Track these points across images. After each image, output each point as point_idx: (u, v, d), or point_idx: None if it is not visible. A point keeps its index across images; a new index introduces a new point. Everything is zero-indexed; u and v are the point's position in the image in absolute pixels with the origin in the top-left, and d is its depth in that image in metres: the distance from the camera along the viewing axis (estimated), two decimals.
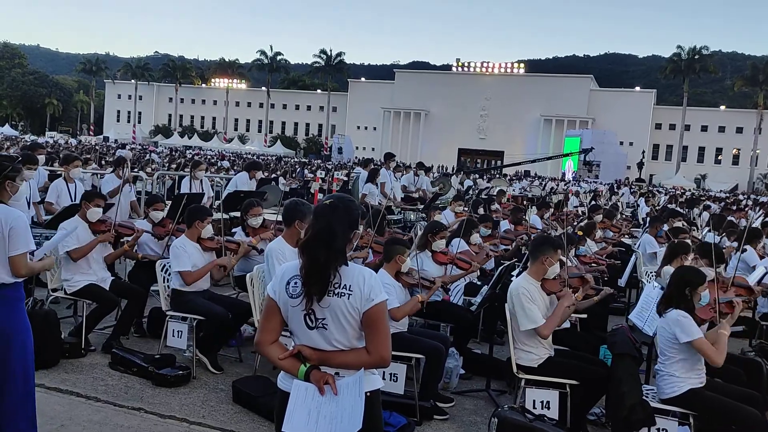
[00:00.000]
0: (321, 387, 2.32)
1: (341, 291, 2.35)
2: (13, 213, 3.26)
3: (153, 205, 6.45)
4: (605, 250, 8.50)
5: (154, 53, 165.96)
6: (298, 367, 2.38)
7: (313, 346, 2.39)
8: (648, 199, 22.94)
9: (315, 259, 2.33)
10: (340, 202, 2.45)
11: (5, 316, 3.23)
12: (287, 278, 2.43)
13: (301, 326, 2.40)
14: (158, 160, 27.61)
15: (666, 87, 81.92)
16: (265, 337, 2.46)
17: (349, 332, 2.38)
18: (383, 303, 2.37)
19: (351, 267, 2.40)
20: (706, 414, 4.06)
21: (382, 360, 2.38)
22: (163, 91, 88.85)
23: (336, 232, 2.37)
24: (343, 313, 2.35)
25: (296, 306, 2.38)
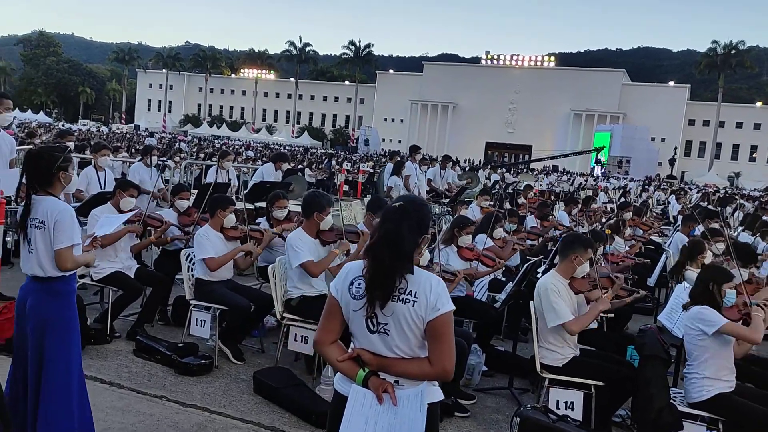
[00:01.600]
0: (380, 395, 2.24)
1: (406, 297, 2.25)
2: (60, 206, 3.25)
3: (179, 194, 6.50)
4: (634, 248, 8.33)
5: (185, 43, 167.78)
6: (356, 371, 2.30)
7: (374, 351, 2.31)
8: (679, 196, 22.50)
9: (380, 264, 2.23)
10: (410, 205, 2.33)
11: (48, 307, 3.22)
12: (351, 278, 2.34)
13: (362, 329, 2.31)
14: (187, 149, 27.89)
15: (700, 82, 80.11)
16: (324, 337, 2.38)
17: (411, 340, 2.28)
18: (449, 313, 2.26)
19: (418, 273, 2.29)
20: (735, 419, 3.95)
21: (444, 372, 2.26)
22: (193, 81, 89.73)
23: (404, 236, 2.26)
24: (406, 320, 2.25)
25: (358, 308, 2.30)
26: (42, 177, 3.24)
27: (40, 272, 3.23)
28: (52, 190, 3.28)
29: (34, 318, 3.21)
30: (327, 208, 5.13)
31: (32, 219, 3.23)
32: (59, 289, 3.28)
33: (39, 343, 3.20)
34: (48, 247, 3.21)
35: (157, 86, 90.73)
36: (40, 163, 3.23)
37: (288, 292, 5.07)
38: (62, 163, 3.26)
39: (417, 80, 79.36)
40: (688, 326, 4.02)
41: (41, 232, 3.22)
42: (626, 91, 71.37)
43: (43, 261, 3.22)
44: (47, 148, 3.40)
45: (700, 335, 3.94)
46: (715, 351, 3.92)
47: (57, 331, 3.22)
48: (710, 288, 4.03)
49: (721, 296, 4.05)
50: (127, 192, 5.72)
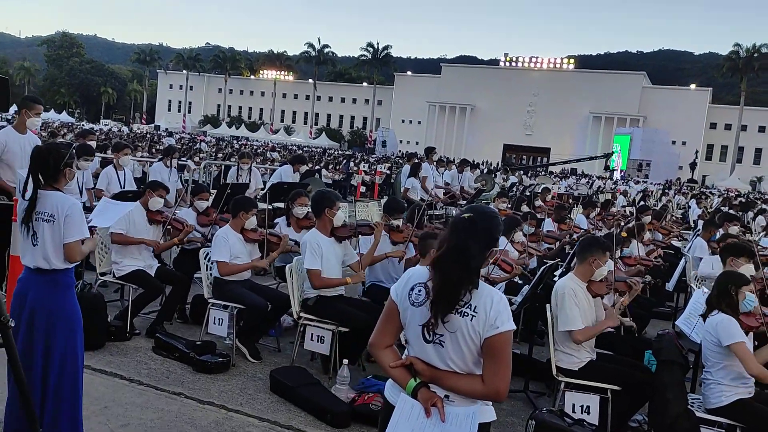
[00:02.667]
0: (428, 408, 2.16)
1: (465, 311, 2.17)
2: (69, 200, 3.36)
3: (198, 194, 6.58)
4: (653, 252, 8.26)
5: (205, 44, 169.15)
6: (407, 380, 2.24)
7: (427, 361, 2.24)
8: (700, 200, 22.26)
9: (447, 277, 2.16)
10: (480, 217, 2.24)
11: (53, 299, 3.31)
12: (412, 284, 2.28)
13: (418, 337, 2.25)
14: (206, 149, 28.14)
15: (722, 86, 79.20)
16: (380, 339, 2.35)
17: (466, 355, 2.20)
18: (509, 332, 2.16)
19: (481, 287, 2.21)
20: (754, 425, 3.91)
21: (496, 394, 2.17)
22: (212, 82, 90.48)
23: (472, 250, 2.18)
24: (463, 334, 2.17)
25: (416, 315, 2.24)
26: (50, 172, 3.33)
27: (44, 264, 3.31)
28: (57, 185, 3.37)
29: (40, 310, 3.28)
30: (336, 204, 5.17)
31: (39, 213, 3.31)
32: (63, 281, 3.36)
33: (45, 335, 3.27)
34: (57, 240, 3.29)
35: (178, 87, 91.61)
36: (48, 160, 3.33)
37: (305, 292, 5.11)
38: (68, 159, 3.36)
39: (435, 82, 79.29)
40: (708, 332, 4.00)
41: (50, 226, 3.30)
42: (646, 94, 70.70)
43: (50, 254, 3.29)
44: (54, 145, 3.51)
45: (717, 343, 3.91)
46: (733, 358, 3.88)
47: (63, 321, 3.30)
48: (729, 289, 4.01)
49: (740, 299, 4.01)
50: (156, 192, 5.83)
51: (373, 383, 4.53)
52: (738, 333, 3.85)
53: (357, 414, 4.26)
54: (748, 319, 4.08)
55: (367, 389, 4.45)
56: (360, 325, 4.98)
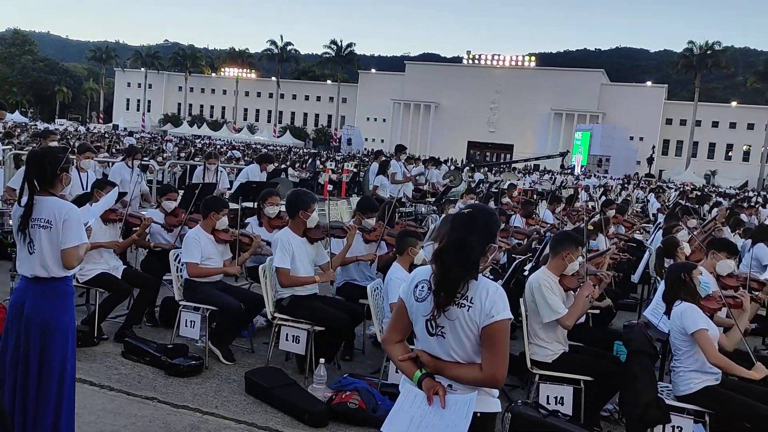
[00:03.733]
0: (430, 396, 2.30)
1: (462, 302, 2.29)
2: (66, 206, 3.26)
3: (166, 194, 6.43)
4: (616, 245, 8.43)
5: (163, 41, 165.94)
6: (414, 372, 2.38)
7: (431, 353, 2.38)
8: (658, 194, 22.81)
9: (447, 270, 2.28)
10: (479, 213, 2.37)
11: (49, 309, 3.22)
12: (416, 281, 2.43)
13: (423, 331, 2.38)
14: (173, 150, 27.71)
15: (677, 82, 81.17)
16: (391, 336, 2.51)
17: (466, 345, 2.32)
18: (504, 321, 2.28)
19: (479, 280, 2.32)
20: (721, 412, 4.04)
21: (493, 380, 2.30)
22: (172, 80, 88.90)
23: (472, 244, 2.29)
24: (461, 324, 2.29)
25: (420, 310, 2.37)
26: (46, 178, 3.24)
27: (42, 273, 3.21)
28: (53, 190, 3.28)
29: (35, 320, 3.18)
30: (311, 206, 5.15)
31: (35, 219, 3.21)
32: (61, 290, 3.27)
33: (41, 346, 3.18)
34: (54, 247, 3.20)
35: (136, 85, 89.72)
36: (44, 164, 3.23)
37: (278, 292, 5.08)
38: (65, 164, 3.26)
39: (399, 80, 79.40)
40: (675, 321, 4.10)
41: (47, 232, 3.20)
42: (605, 91, 72.05)
43: (48, 261, 3.20)
44: (51, 150, 3.42)
45: (683, 332, 4.01)
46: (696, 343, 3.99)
47: (58, 334, 3.21)
48: (682, 278, 4.11)
49: (696, 283, 4.12)
50: (105, 190, 5.63)
51: (349, 381, 4.53)
52: (701, 320, 3.95)
53: (335, 413, 4.26)
54: (709, 302, 4.20)
55: (344, 388, 4.44)
56: (335, 324, 4.98)
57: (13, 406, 3.21)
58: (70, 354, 3.28)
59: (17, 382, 3.22)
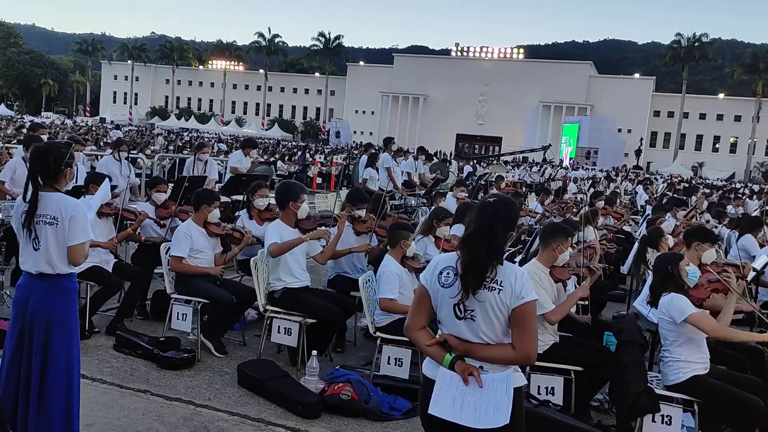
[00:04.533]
0: (465, 378, 2.40)
1: (492, 285, 2.41)
2: (72, 202, 3.23)
3: (156, 187, 6.42)
4: (605, 237, 8.50)
5: (150, 34, 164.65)
6: (443, 356, 2.46)
7: (460, 337, 2.46)
8: (646, 186, 22.96)
9: (476, 255, 2.40)
10: (503, 202, 2.51)
11: (53, 306, 3.19)
12: (440, 268, 2.51)
13: (450, 316, 2.47)
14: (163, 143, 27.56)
15: (665, 74, 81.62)
16: (414, 323, 2.57)
17: (496, 326, 2.44)
18: (533, 302, 2.43)
19: (505, 264, 2.45)
20: (709, 401, 4.08)
21: (527, 357, 2.43)
22: (160, 73, 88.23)
23: (497, 230, 2.43)
24: (492, 307, 2.41)
25: (447, 296, 2.46)
26: (50, 173, 3.20)
27: (48, 269, 3.19)
28: (58, 185, 3.25)
29: (39, 317, 3.17)
30: (301, 196, 5.15)
31: (41, 215, 3.17)
32: (66, 286, 3.26)
33: (44, 343, 3.17)
34: (61, 243, 3.17)
35: (123, 78, 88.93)
36: (48, 160, 3.20)
37: (271, 284, 5.08)
38: (69, 159, 3.24)
39: (387, 72, 79.23)
40: (663, 312, 4.13)
41: (53, 228, 3.17)
42: (593, 83, 72.27)
43: (54, 257, 3.18)
44: (53, 145, 3.38)
45: (671, 322, 4.05)
46: (688, 335, 4.03)
47: (62, 330, 3.20)
48: (669, 270, 4.13)
49: (682, 275, 4.15)
50: (99, 184, 5.62)
51: (342, 373, 4.55)
52: (688, 306, 3.97)
53: (327, 404, 4.28)
54: (697, 291, 4.23)
55: (336, 379, 4.46)
56: (327, 316, 4.99)
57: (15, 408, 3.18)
58: (75, 349, 3.28)
59: (20, 380, 3.20)
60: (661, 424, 4.03)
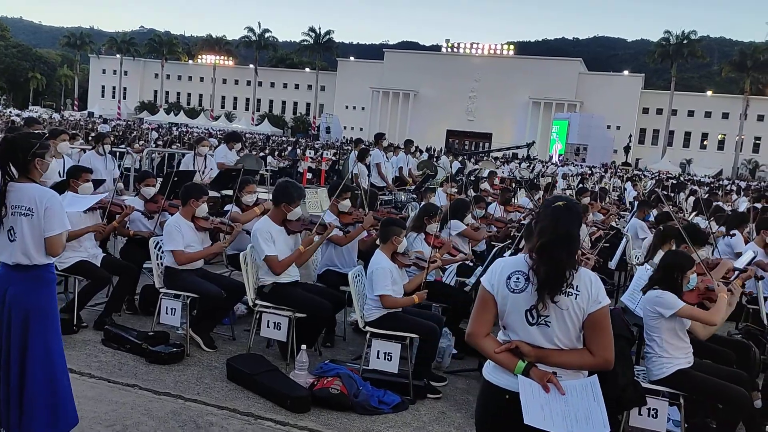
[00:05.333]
0: (545, 385, 2.37)
1: (569, 291, 2.38)
2: (48, 192, 3.21)
3: (144, 181, 6.37)
4: (594, 233, 8.55)
5: (139, 28, 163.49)
6: (514, 363, 2.42)
7: (532, 343, 2.42)
8: (635, 183, 23.09)
9: (558, 261, 2.35)
10: (575, 206, 2.50)
11: (31, 296, 3.18)
12: (507, 273, 2.46)
13: (521, 321, 2.43)
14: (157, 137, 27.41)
15: (654, 71, 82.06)
16: (479, 329, 2.51)
17: (571, 332, 2.41)
18: (608, 306, 2.42)
19: (580, 270, 2.43)
20: (694, 394, 4.13)
21: (606, 362, 2.41)
22: (148, 67, 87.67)
23: (575, 235, 2.43)
24: (569, 312, 2.38)
25: (519, 301, 2.42)
26: (19, 163, 3.18)
27: (25, 260, 3.17)
28: (32, 176, 3.22)
29: (17, 308, 3.15)
30: (296, 201, 5.13)
31: (16, 206, 3.16)
32: (44, 277, 3.24)
33: (23, 334, 3.15)
34: (37, 234, 3.16)
35: (111, 72, 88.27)
36: (15, 150, 3.18)
37: (260, 279, 5.07)
38: (38, 149, 3.21)
39: (378, 68, 79.14)
40: (647, 308, 4.15)
41: (29, 219, 3.16)
42: (583, 80, 72.53)
43: (30, 249, 3.16)
44: (23, 135, 3.34)
45: (655, 316, 4.07)
46: (670, 330, 4.05)
47: (41, 320, 3.18)
48: (674, 276, 4.10)
49: (686, 282, 4.16)
50: (81, 178, 5.57)
51: (331, 367, 4.55)
52: (676, 302, 3.98)
53: (316, 398, 4.28)
54: (689, 296, 4.25)
55: (325, 374, 4.47)
56: (316, 311, 4.99)
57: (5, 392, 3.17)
58: (56, 340, 3.26)
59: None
60: (648, 417, 4.07)
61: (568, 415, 2.32)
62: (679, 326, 4.10)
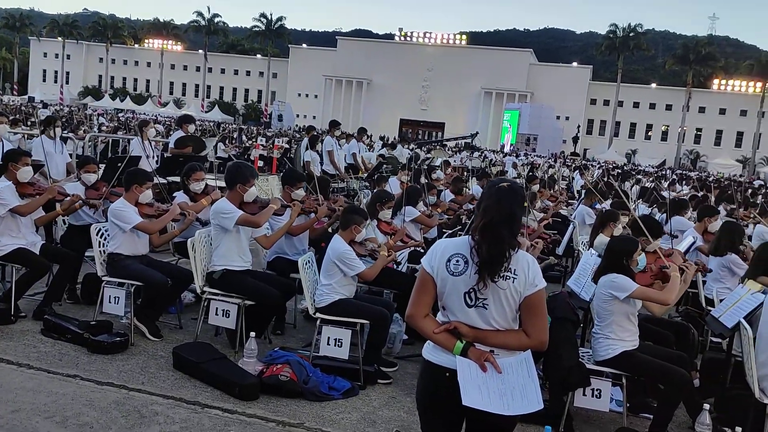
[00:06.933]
0: (482, 364, 2.39)
1: (507, 274, 2.39)
2: None
3: (85, 167, 6.10)
4: (545, 219, 8.70)
5: (83, 10, 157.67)
6: (453, 343, 2.44)
7: (470, 324, 2.44)
8: (583, 172, 23.63)
9: (500, 241, 2.36)
10: (518, 187, 2.50)
11: None
12: (448, 255, 2.46)
13: (460, 303, 2.45)
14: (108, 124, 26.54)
15: (602, 63, 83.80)
16: (418, 310, 2.52)
17: (507, 313, 2.43)
18: (543, 289, 2.44)
19: (518, 253, 2.43)
20: (638, 374, 4.26)
21: (541, 344, 2.44)
22: (92, 51, 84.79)
23: (517, 215, 2.43)
24: (506, 294, 2.40)
25: (457, 283, 2.43)
26: None
27: None
28: None
29: None
30: (251, 180, 5.06)
31: None
32: None
33: None
34: None
35: (53, 56, 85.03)
36: None
37: (212, 263, 4.97)
38: None
39: (331, 55, 78.54)
40: (601, 291, 4.22)
41: None
42: (533, 71, 73.65)
43: None
44: None
45: (610, 299, 4.15)
46: (621, 313, 4.16)
47: None
48: (622, 261, 4.18)
49: (634, 265, 4.26)
50: (20, 162, 5.31)
51: (281, 354, 4.51)
52: (630, 284, 4.08)
53: (265, 386, 4.23)
54: (642, 277, 4.37)
55: (275, 361, 4.42)
56: (266, 300, 4.93)
57: None
58: None
59: None
60: (592, 398, 4.18)
61: (504, 394, 2.35)
62: (631, 310, 4.21)
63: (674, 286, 4.22)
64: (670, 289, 4.21)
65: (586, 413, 4.39)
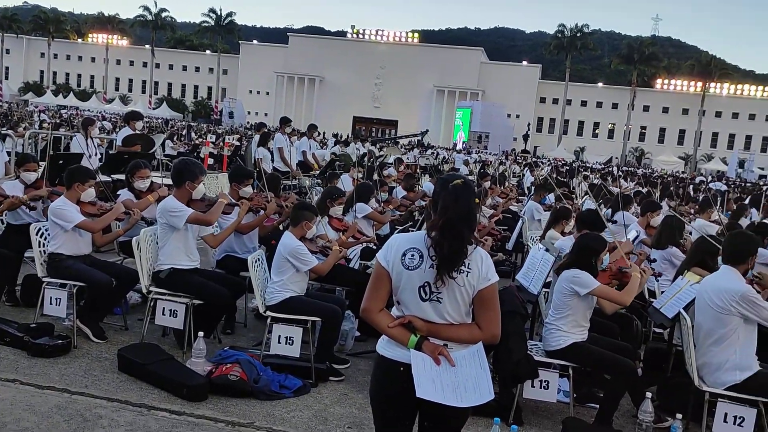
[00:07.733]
0: (436, 358, 2.40)
1: (461, 268, 2.40)
2: None
3: (24, 165, 5.88)
4: (495, 215, 8.84)
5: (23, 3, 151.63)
6: (407, 337, 2.45)
7: (424, 318, 2.45)
8: (533, 169, 24.08)
9: (460, 238, 2.37)
10: (470, 183, 2.50)
11: None
12: (403, 249, 2.46)
13: (414, 297, 2.45)
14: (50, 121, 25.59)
15: (550, 62, 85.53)
16: (373, 305, 2.52)
17: (461, 307, 2.45)
18: (496, 283, 2.47)
19: (470, 248, 2.45)
20: (587, 365, 4.36)
21: (493, 337, 2.47)
22: (33, 45, 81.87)
23: (474, 212, 2.45)
24: (459, 289, 2.41)
25: (412, 278, 2.43)
26: None
27: None
28: None
29: None
30: (199, 177, 4.96)
31: None
32: None
33: None
34: None
35: None
36: None
37: (159, 262, 4.85)
38: None
39: (282, 52, 77.81)
40: (562, 285, 4.29)
41: None
42: (484, 69, 74.62)
43: None
44: None
45: (571, 294, 4.23)
46: (577, 308, 4.26)
47: None
48: (590, 259, 4.28)
49: (598, 264, 4.35)
50: None
51: (230, 354, 4.44)
52: (592, 282, 4.19)
53: (215, 386, 4.16)
54: (602, 276, 4.46)
55: (224, 360, 4.36)
56: (215, 298, 4.85)
57: None
58: None
59: None
60: (540, 389, 4.26)
61: (458, 387, 2.38)
62: (589, 306, 4.31)
63: (633, 288, 4.36)
64: (629, 290, 4.34)
65: (534, 404, 4.47)
